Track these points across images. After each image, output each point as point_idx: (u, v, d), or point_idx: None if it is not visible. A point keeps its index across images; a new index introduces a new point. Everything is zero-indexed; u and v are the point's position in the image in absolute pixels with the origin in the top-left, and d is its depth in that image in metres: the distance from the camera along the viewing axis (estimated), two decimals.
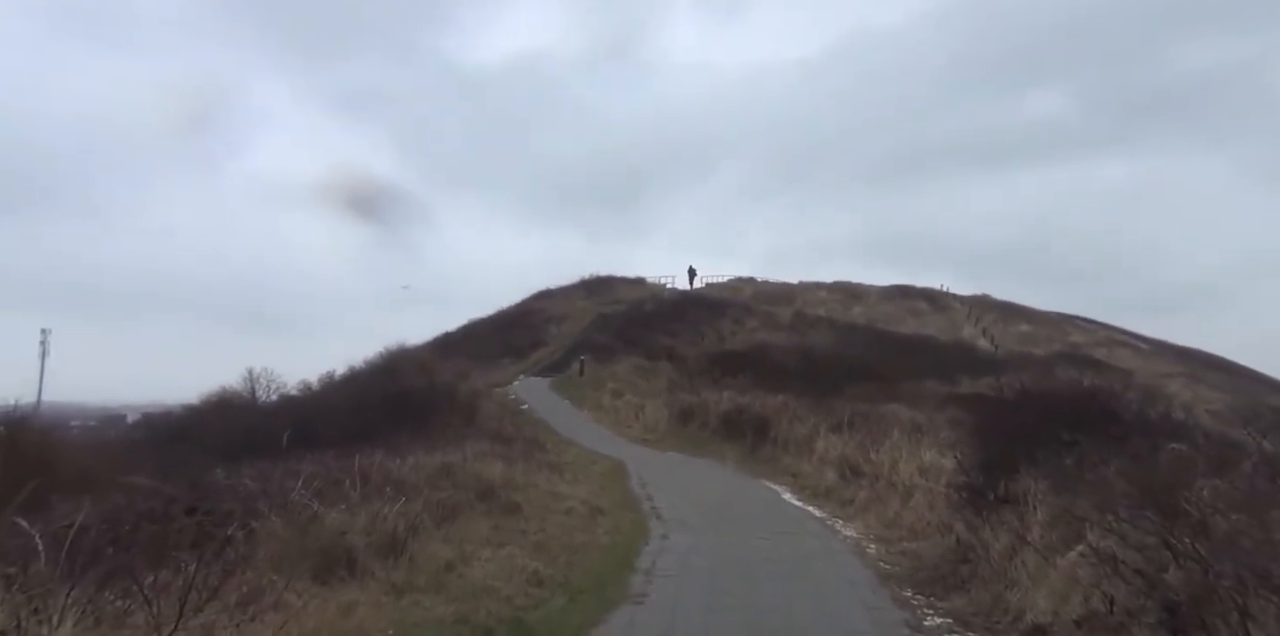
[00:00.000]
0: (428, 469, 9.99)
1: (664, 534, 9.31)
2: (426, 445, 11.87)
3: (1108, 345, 42.11)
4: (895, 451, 11.82)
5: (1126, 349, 42.12)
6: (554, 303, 44.00)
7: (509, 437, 16.72)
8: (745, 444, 17.59)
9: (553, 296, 45.78)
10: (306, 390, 25.89)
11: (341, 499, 7.10)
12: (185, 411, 23.62)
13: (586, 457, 16.89)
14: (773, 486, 13.64)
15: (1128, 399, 7.68)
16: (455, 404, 20.41)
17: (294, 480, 6.92)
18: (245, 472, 7.22)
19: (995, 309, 47.05)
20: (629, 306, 40.66)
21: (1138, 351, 41.96)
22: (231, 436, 13.47)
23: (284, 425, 12.34)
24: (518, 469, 12.22)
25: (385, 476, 8.43)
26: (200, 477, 6.62)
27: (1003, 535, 6.53)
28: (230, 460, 8.31)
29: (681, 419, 21.67)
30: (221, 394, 25.10)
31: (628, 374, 29.11)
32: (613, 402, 25.62)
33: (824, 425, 15.56)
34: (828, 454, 13.80)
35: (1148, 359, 39.92)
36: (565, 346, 35.34)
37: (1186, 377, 35.13)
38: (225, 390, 25.44)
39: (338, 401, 19.18)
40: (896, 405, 17.91)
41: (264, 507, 6.02)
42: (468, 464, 11.27)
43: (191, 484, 6.23)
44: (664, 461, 17.31)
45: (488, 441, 14.66)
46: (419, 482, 8.90)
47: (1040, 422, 7.58)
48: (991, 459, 7.98)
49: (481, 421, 19.39)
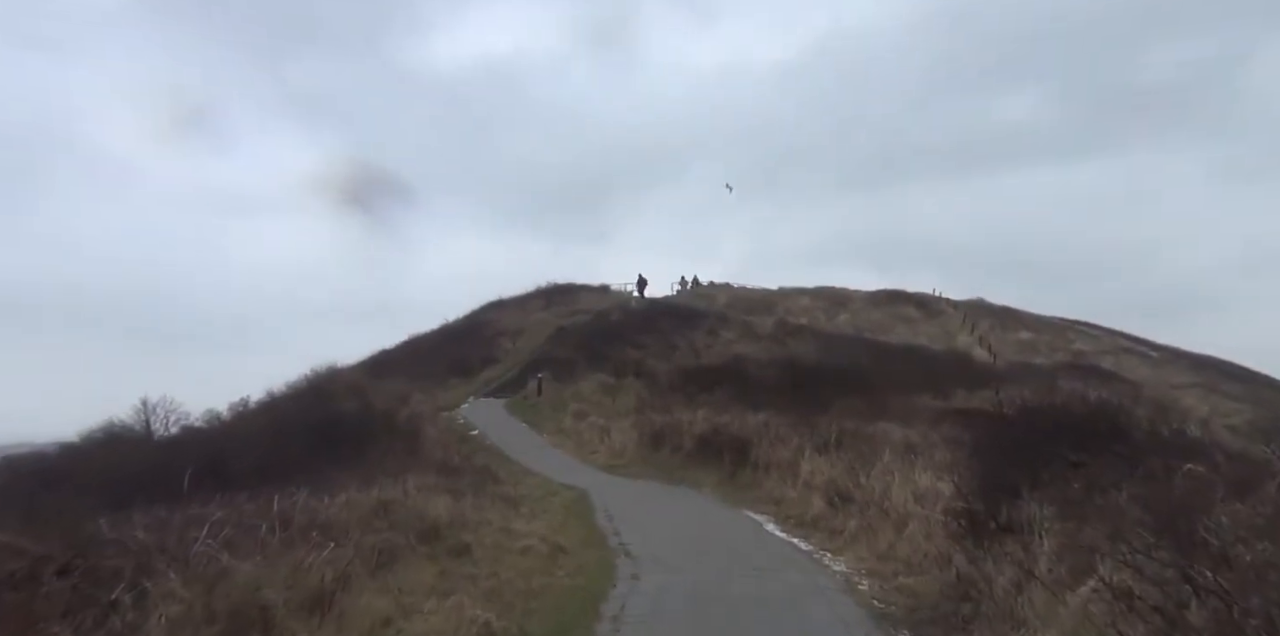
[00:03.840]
0: (361, 507, 9.80)
1: (634, 573, 9.23)
2: (360, 480, 11.64)
3: (1115, 353, 42.78)
4: (887, 475, 11.89)
5: (1135, 357, 42.78)
6: (508, 314, 43.77)
7: (457, 468, 16.56)
8: (723, 468, 17.62)
9: (506, 307, 45.56)
10: (215, 421, 24.81)
11: (256, 548, 6.89)
12: (60, 451, 21.66)
13: (546, 488, 16.78)
14: (754, 516, 13.67)
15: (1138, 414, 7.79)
16: (394, 431, 20.13)
17: (198, 528, 6.64)
18: (136, 522, 6.88)
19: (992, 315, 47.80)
20: (592, 317, 40.65)
21: (1148, 360, 42.57)
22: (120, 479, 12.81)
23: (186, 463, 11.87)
24: (467, 504, 12.08)
25: (310, 518, 8.25)
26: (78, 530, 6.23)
27: (1007, 568, 6.55)
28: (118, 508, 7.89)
29: (652, 442, 21.61)
30: (108, 429, 23.36)
31: (592, 392, 29.06)
32: (575, 425, 25.53)
33: (809, 446, 15.65)
34: (814, 478, 13.87)
35: (1159, 368, 40.49)
36: (521, 363, 35.20)
37: (1202, 388, 35.37)
38: (113, 424, 23.71)
39: (254, 433, 18.59)
40: (887, 422, 18.00)
41: (159, 563, 5.72)
42: (409, 500, 11.09)
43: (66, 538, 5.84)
44: (633, 490, 17.24)
45: (432, 473, 14.48)
46: (351, 524, 8.73)
47: (1044, 441, 7.69)
48: (992, 482, 8.08)
49: (425, 450, 19.13)
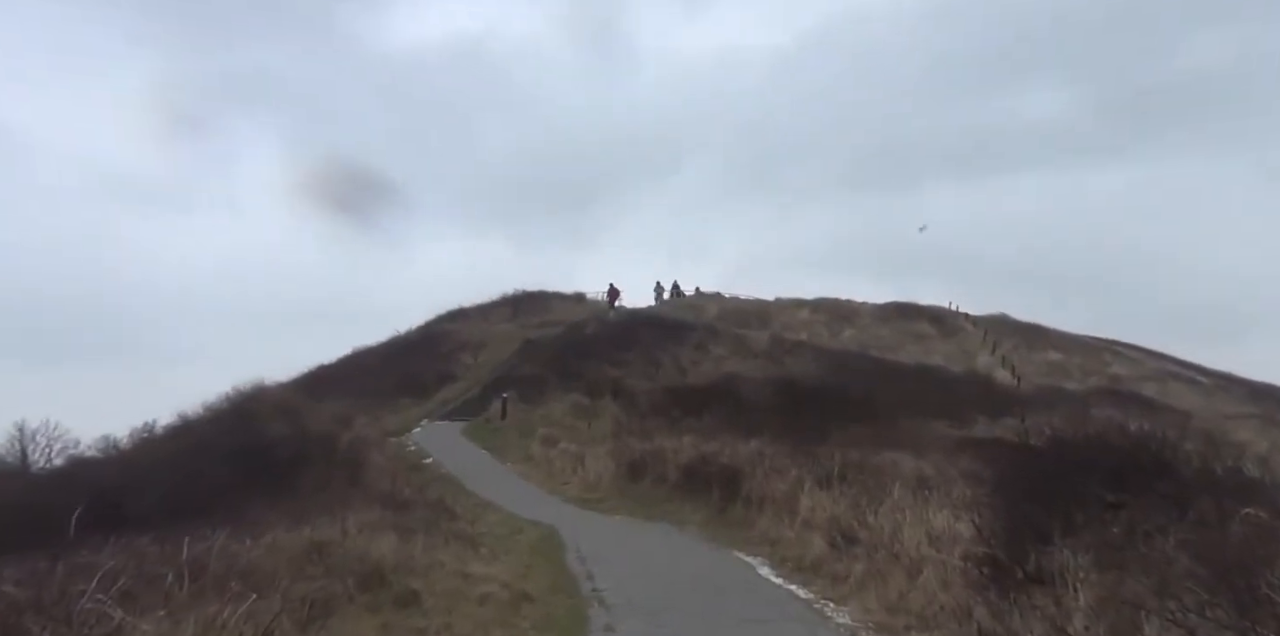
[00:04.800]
0: (291, 550, 9.56)
1: (608, 625, 9.08)
2: (291, 517, 11.41)
3: (1158, 378, 42.88)
4: (898, 513, 11.81)
5: (1182, 383, 42.77)
6: (469, 325, 43.68)
7: (406, 502, 16.36)
8: (711, 503, 17.53)
9: (468, 317, 45.49)
10: (111, 450, 24.22)
11: (160, 601, 6.62)
12: None
13: (510, 525, 16.64)
14: (746, 558, 13.55)
15: (1186, 448, 7.76)
16: (333, 459, 19.93)
17: (85, 580, 6.34)
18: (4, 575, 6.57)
19: (1016, 332, 48.12)
20: (565, 329, 40.69)
21: (1196, 386, 42.57)
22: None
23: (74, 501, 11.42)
24: (417, 544, 11.88)
25: (228, 564, 7.99)
26: None
27: (1036, 624, 6.46)
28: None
29: (631, 472, 21.51)
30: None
31: (564, 415, 29.05)
32: (544, 453, 25.40)
33: (809, 478, 15.51)
34: (814, 516, 13.76)
35: (1210, 396, 40.44)
36: (483, 381, 35.16)
37: (1260, 420, 34.79)
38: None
39: (161, 463, 18.08)
40: (898, 453, 17.93)
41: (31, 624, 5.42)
42: (348, 540, 10.86)
43: None
44: (609, 527, 17.14)
45: (377, 508, 14.29)
46: (278, 570, 8.50)
47: (1077, 478, 7.66)
48: (1018, 524, 8.02)
49: (369, 481, 18.94)
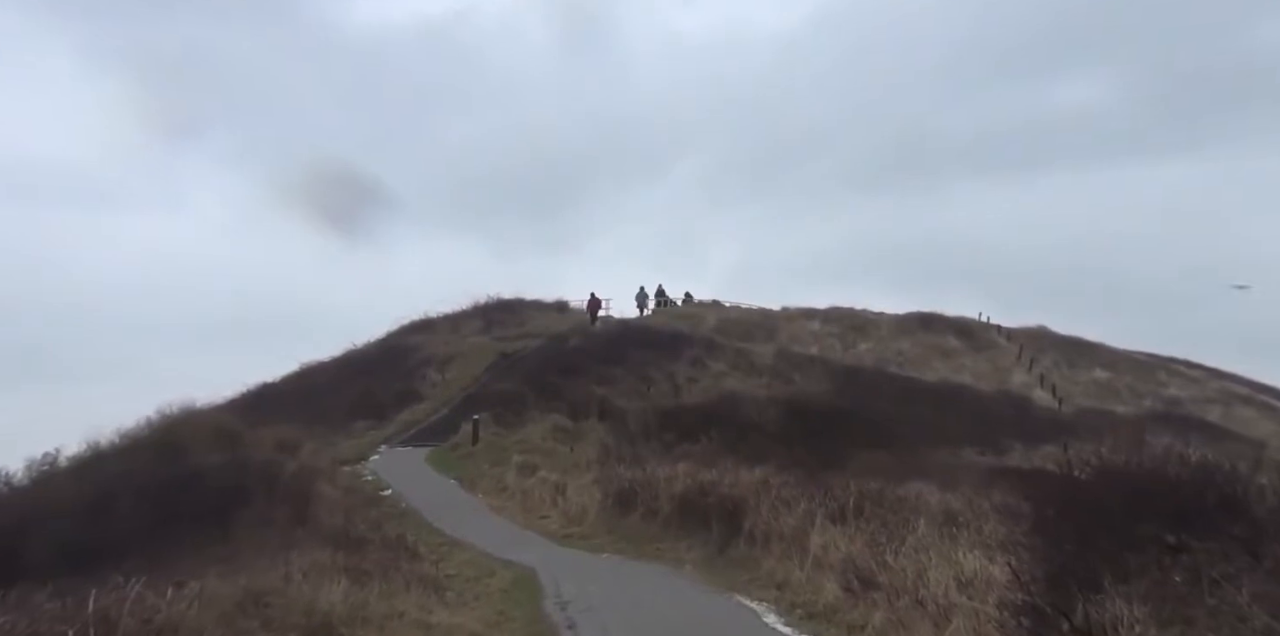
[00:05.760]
0: (222, 601, 9.39)
1: None
2: (224, 562, 11.34)
3: (1223, 401, 42.93)
4: (922, 553, 11.79)
5: (1252, 407, 42.86)
6: (436, 337, 43.76)
7: (361, 540, 16.30)
8: (710, 540, 17.46)
9: (435, 328, 45.59)
10: (3, 487, 23.51)
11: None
12: None
13: (480, 566, 16.50)
14: (749, 604, 13.42)
15: (1259, 482, 7.67)
16: (276, 492, 19.80)
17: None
18: None
19: (1056, 347, 48.22)
20: (545, 342, 40.96)
21: (1269, 411, 42.65)
22: None
23: None
24: (372, 590, 11.82)
25: (145, 620, 7.79)
26: None
27: None
28: None
29: (619, 504, 21.43)
30: None
31: (543, 439, 29.07)
32: (521, 482, 25.22)
33: (820, 512, 15.49)
34: (826, 555, 13.69)
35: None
36: (451, 401, 35.13)
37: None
38: None
39: (65, 501, 17.89)
40: (921, 483, 17.99)
41: None
42: (292, 587, 10.75)
43: None
44: (594, 568, 16.99)
45: (327, 548, 14.23)
46: (204, 626, 8.34)
47: (1131, 515, 7.56)
48: (1062, 568, 7.92)
49: (318, 517, 18.87)
